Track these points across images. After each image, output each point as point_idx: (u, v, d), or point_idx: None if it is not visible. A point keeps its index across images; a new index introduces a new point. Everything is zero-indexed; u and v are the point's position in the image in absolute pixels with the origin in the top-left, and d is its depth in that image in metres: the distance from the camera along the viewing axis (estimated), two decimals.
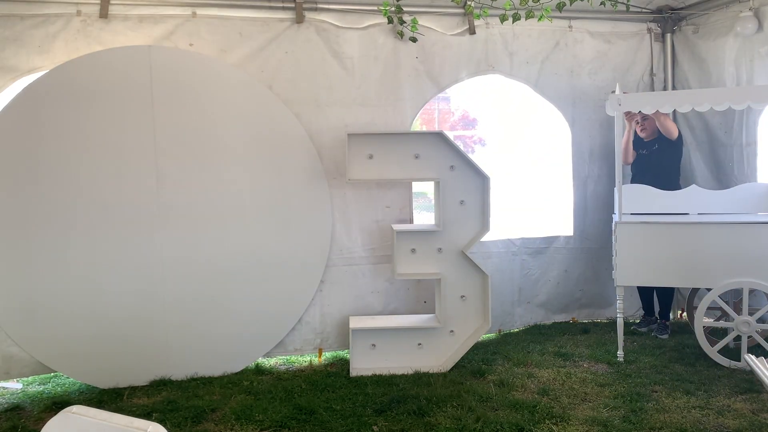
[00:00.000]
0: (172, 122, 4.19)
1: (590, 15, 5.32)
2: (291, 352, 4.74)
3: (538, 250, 5.38)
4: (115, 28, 4.35)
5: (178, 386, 4.11)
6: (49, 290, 4.01)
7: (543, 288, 5.44)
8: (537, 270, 5.39)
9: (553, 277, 5.43)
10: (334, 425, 3.43)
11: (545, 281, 5.43)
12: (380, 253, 4.83)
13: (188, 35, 4.46)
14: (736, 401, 3.65)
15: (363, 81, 4.81)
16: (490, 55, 5.16)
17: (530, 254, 5.35)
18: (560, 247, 5.43)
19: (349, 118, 4.72)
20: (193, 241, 4.24)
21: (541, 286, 5.43)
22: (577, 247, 5.45)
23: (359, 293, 4.81)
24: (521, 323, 5.40)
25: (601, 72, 5.44)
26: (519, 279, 5.33)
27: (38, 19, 4.21)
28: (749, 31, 4.86)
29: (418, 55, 4.94)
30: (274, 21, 4.65)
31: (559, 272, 5.44)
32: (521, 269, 5.33)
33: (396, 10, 4.69)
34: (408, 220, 4.87)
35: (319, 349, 4.74)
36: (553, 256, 5.42)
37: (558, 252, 5.43)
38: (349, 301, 4.78)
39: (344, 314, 4.74)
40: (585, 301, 5.57)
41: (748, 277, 4.17)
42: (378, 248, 4.83)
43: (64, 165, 4.01)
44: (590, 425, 3.38)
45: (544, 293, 5.45)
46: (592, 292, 5.54)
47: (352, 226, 4.78)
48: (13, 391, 4.20)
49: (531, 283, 5.40)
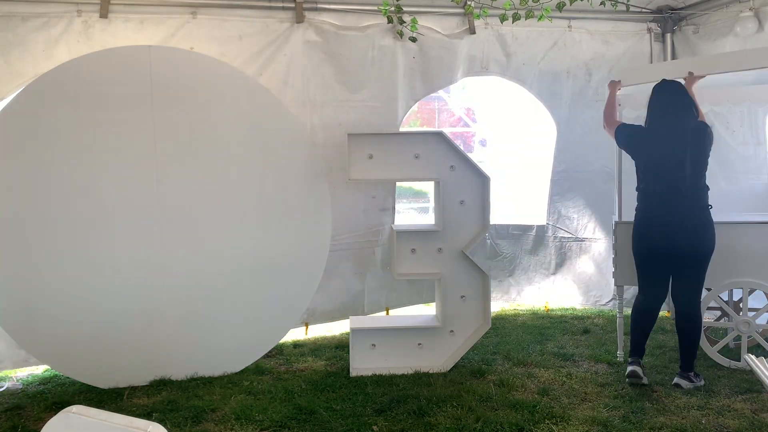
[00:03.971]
0: (172, 122, 4.19)
1: (590, 15, 5.34)
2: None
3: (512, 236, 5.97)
4: (117, 30, 4.36)
5: (178, 386, 4.11)
6: (49, 290, 4.01)
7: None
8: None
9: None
10: (334, 425, 3.43)
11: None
12: (363, 239, 5.15)
13: (189, 36, 4.48)
14: (736, 401, 3.65)
15: (362, 81, 4.81)
16: (487, 55, 5.17)
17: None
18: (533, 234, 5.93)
19: (348, 118, 4.74)
20: (193, 240, 4.24)
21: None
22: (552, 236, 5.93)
23: (344, 273, 5.11)
24: None
25: (599, 72, 5.45)
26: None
27: (40, 20, 4.21)
28: (749, 31, 4.86)
29: (417, 56, 4.94)
30: (273, 21, 4.66)
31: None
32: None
33: (396, 9, 4.69)
34: (390, 208, 5.19)
35: (305, 323, 4.82)
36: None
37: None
38: (334, 282, 5.06)
39: (328, 292, 5.00)
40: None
41: (748, 277, 4.17)
42: (363, 234, 5.15)
43: (63, 165, 4.01)
44: (590, 425, 3.38)
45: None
46: None
47: (341, 215, 4.92)
48: (13, 391, 4.20)
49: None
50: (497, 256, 5.97)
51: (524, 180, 6.24)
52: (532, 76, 5.35)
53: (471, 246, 4.37)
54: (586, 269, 5.82)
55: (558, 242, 5.87)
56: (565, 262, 5.88)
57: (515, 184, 6.33)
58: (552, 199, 5.83)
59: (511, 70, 5.27)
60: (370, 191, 5.12)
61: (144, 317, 4.17)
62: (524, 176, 6.23)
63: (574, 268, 5.85)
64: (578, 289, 5.86)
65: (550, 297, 5.95)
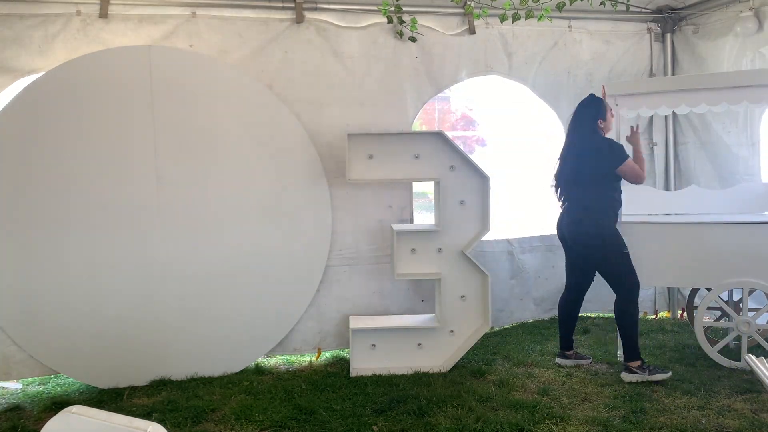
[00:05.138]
0: (172, 122, 4.19)
1: (590, 15, 5.33)
2: (290, 352, 4.74)
3: (532, 248, 5.49)
4: (115, 28, 4.35)
5: (178, 386, 4.11)
6: (49, 290, 4.01)
7: (534, 285, 5.52)
8: (530, 267, 5.47)
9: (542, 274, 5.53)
10: (334, 425, 3.43)
11: (536, 278, 5.50)
12: (381, 253, 4.83)
13: (188, 35, 4.47)
14: (736, 401, 3.64)
15: (363, 81, 4.81)
16: (488, 55, 5.17)
17: (523, 252, 5.47)
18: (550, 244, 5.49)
19: (348, 118, 4.72)
20: (193, 240, 4.24)
21: (533, 283, 5.50)
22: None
23: (360, 293, 4.80)
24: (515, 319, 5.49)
25: (599, 72, 5.44)
26: (512, 276, 5.39)
27: (38, 18, 4.21)
28: (749, 31, 4.86)
29: (418, 55, 4.94)
30: (274, 21, 4.65)
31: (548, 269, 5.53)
32: (514, 267, 5.42)
33: (395, 9, 4.69)
34: (408, 220, 4.88)
35: (317, 349, 4.74)
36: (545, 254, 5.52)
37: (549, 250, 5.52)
38: (349, 301, 4.78)
39: (343, 313, 4.74)
40: None
41: (748, 277, 4.17)
42: (380, 248, 4.83)
43: (63, 165, 4.01)
44: (590, 425, 3.38)
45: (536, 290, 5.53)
46: None
47: (355, 225, 4.78)
48: (13, 391, 4.20)
49: (523, 281, 5.45)
50: (520, 273, 5.42)
51: (533, 186, 6.09)
52: (534, 75, 5.34)
53: (471, 246, 4.38)
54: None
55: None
56: None
57: (527, 191, 6.17)
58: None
59: (513, 70, 5.26)
60: (386, 200, 4.81)
61: (144, 317, 4.17)
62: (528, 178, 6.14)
63: None
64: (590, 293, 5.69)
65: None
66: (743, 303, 4.20)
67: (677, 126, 5.63)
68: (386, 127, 4.72)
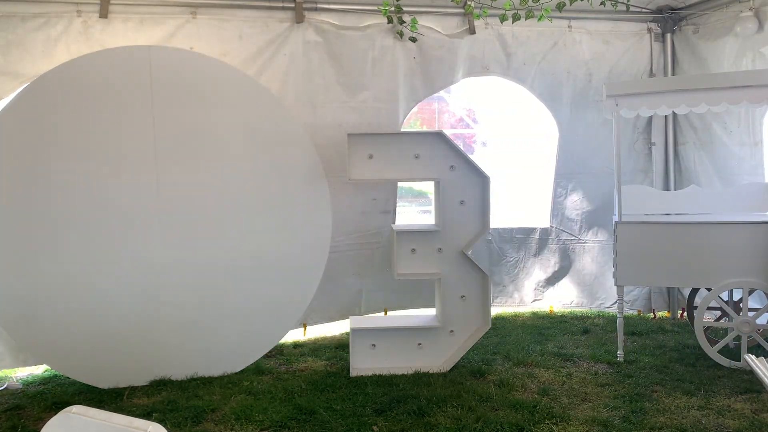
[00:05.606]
0: (172, 122, 4.19)
1: (590, 15, 5.34)
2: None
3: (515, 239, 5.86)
4: (116, 30, 4.36)
5: (178, 386, 4.11)
6: (49, 290, 4.01)
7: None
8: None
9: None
10: (334, 425, 3.43)
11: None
12: (362, 241, 5.15)
13: (188, 36, 4.48)
14: (736, 401, 3.64)
15: (361, 81, 4.81)
16: (487, 56, 5.17)
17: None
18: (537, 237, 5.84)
19: (345, 117, 4.74)
20: (193, 240, 4.24)
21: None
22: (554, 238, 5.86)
23: (341, 274, 5.10)
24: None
25: (599, 72, 5.44)
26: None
27: (39, 20, 4.21)
28: (749, 31, 4.86)
29: (416, 56, 4.94)
30: (273, 21, 4.66)
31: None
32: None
33: (396, 9, 4.69)
34: (392, 211, 5.11)
35: (303, 324, 4.81)
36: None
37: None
38: (332, 283, 5.02)
39: (325, 291, 4.90)
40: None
41: (748, 277, 4.17)
42: (362, 235, 5.13)
43: (64, 165, 4.01)
44: (590, 425, 3.38)
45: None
46: None
47: (341, 217, 4.89)
48: (13, 391, 4.20)
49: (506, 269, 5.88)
50: (501, 261, 5.85)
51: (525, 181, 6.20)
52: (533, 76, 5.34)
53: (471, 246, 4.37)
54: (590, 271, 5.74)
55: (562, 244, 5.79)
56: (572, 265, 5.77)
57: (517, 185, 6.28)
58: (555, 201, 5.76)
59: (511, 70, 5.27)
60: (371, 193, 5.08)
61: (144, 317, 4.16)
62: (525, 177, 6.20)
63: (578, 270, 5.77)
64: (581, 291, 5.79)
65: (554, 301, 5.86)
66: (743, 303, 4.20)
67: (677, 126, 5.63)
68: (381, 127, 4.74)
